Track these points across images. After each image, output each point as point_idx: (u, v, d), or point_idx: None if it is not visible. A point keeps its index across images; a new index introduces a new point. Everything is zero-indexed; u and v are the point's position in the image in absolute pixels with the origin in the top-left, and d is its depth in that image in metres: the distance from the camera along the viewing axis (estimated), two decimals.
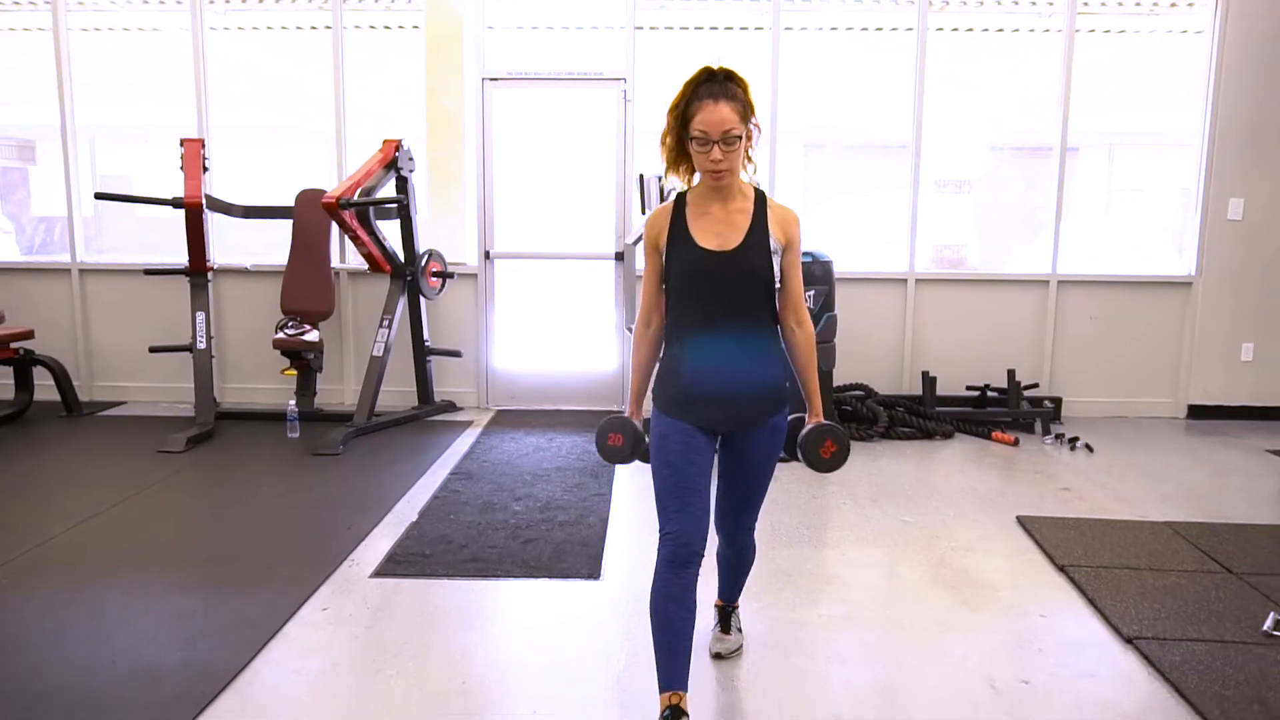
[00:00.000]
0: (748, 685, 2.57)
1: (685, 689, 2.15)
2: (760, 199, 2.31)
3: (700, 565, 2.20)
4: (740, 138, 2.18)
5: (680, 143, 2.25)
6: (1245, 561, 3.41)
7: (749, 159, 2.28)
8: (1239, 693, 2.48)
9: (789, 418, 2.41)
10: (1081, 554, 3.48)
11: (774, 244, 2.27)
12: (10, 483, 4.40)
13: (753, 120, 2.22)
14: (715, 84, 2.17)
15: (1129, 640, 2.81)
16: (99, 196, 5.23)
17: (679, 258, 2.26)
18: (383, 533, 3.72)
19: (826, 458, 2.38)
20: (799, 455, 2.39)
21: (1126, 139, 6.58)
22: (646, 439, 2.41)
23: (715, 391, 2.26)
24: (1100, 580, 3.23)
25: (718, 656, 2.68)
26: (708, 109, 2.15)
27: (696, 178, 2.30)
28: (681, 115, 2.21)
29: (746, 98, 2.20)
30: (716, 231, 2.25)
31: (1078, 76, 5.73)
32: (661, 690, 2.15)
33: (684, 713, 2.12)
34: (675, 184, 2.36)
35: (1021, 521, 3.87)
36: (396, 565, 3.38)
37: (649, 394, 2.40)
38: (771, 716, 2.43)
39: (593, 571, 3.33)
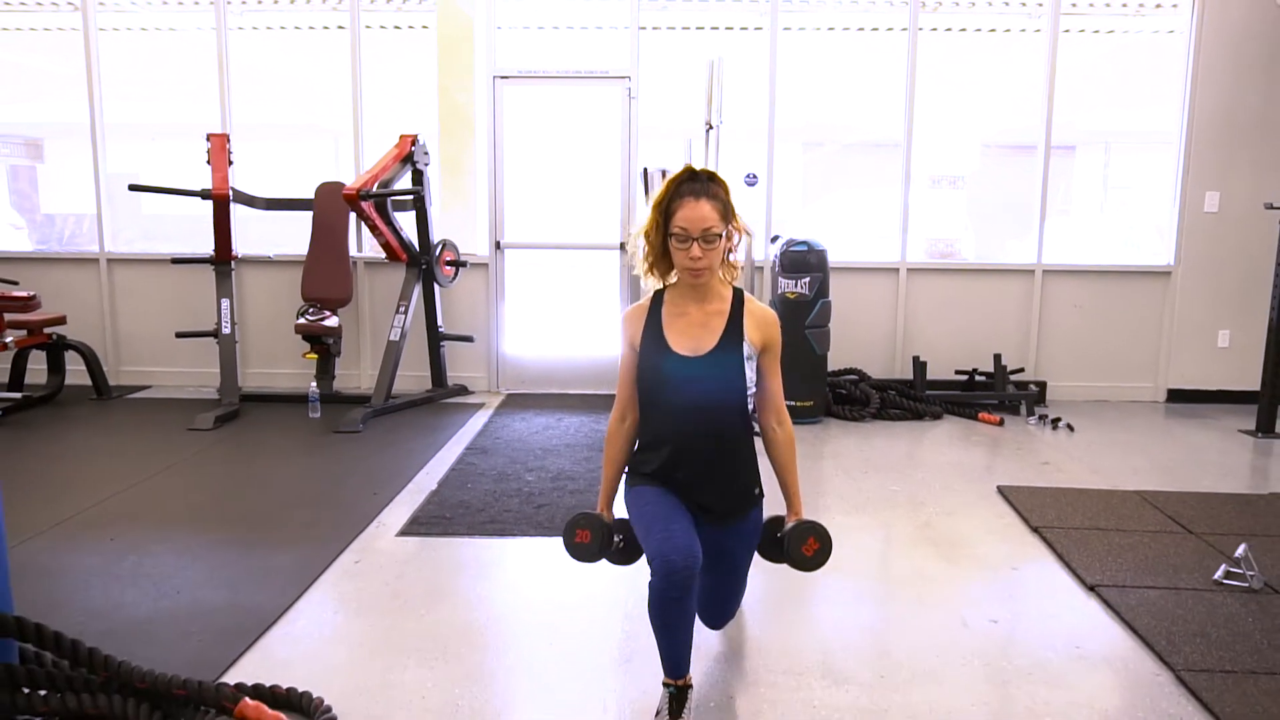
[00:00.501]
0: (744, 625, 2.84)
1: (689, 672, 2.25)
2: (738, 300, 2.33)
3: (694, 581, 2.15)
4: (720, 236, 2.21)
5: (664, 241, 2.27)
6: (1205, 524, 3.68)
7: (728, 262, 2.31)
8: (1185, 629, 2.76)
9: (766, 519, 2.45)
10: (1055, 517, 3.75)
11: (748, 349, 2.29)
12: (54, 456, 4.68)
13: (733, 222, 2.25)
14: (698, 183, 2.22)
15: (1091, 588, 3.08)
16: (133, 188, 5.51)
17: (652, 362, 2.30)
18: (405, 499, 3.99)
19: (810, 555, 2.37)
20: (782, 553, 2.40)
21: (1122, 137, 6.85)
22: (617, 539, 2.41)
23: (685, 491, 2.31)
24: (1070, 539, 3.50)
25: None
26: (689, 206, 2.19)
27: (673, 277, 2.33)
28: (664, 211, 2.24)
29: (727, 198, 2.24)
30: (692, 334, 2.28)
31: (1075, 77, 6.03)
32: (667, 675, 2.24)
33: (689, 687, 2.25)
34: (650, 285, 2.40)
35: (1001, 491, 4.15)
36: (420, 526, 3.66)
37: (627, 470, 2.44)
38: (766, 651, 2.70)
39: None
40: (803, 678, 2.51)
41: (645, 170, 5.67)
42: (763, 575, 3.17)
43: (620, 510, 2.45)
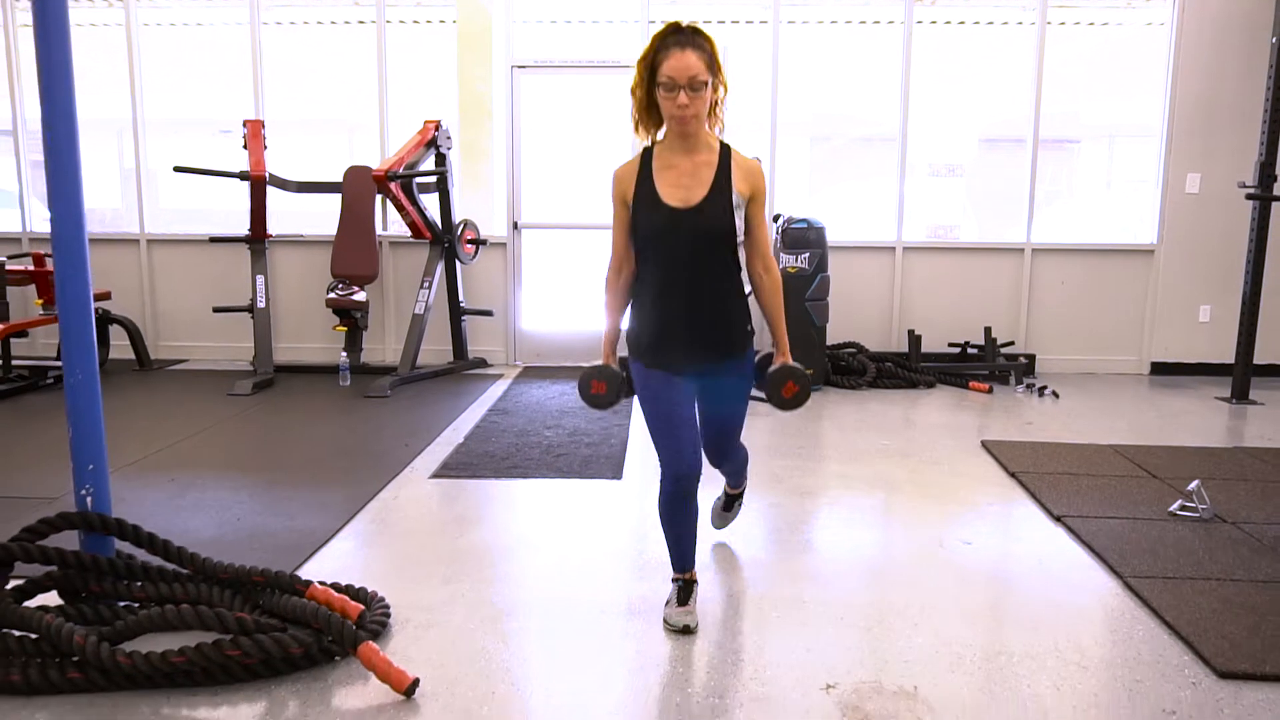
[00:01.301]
0: (745, 547, 3.19)
1: (693, 568, 2.61)
2: (725, 151, 2.40)
3: (699, 482, 2.49)
4: (706, 84, 2.27)
5: (649, 95, 2.34)
6: (1170, 470, 4.01)
7: (717, 116, 2.38)
8: (1136, 548, 3.09)
9: (758, 355, 2.59)
10: (1031, 465, 4.08)
11: (737, 197, 2.37)
12: (107, 414, 5.03)
13: (719, 75, 2.31)
14: (683, 35, 2.28)
15: (1058, 518, 3.42)
16: (177, 169, 5.87)
17: (644, 214, 2.38)
18: (434, 450, 4.35)
19: (788, 397, 2.52)
20: (763, 394, 2.58)
21: (1124, 129, 7.11)
22: (624, 375, 2.58)
23: (682, 338, 2.43)
24: (1043, 481, 3.84)
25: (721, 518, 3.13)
26: (675, 57, 2.25)
27: (662, 133, 2.42)
28: (650, 64, 2.30)
29: (713, 50, 2.30)
30: (682, 185, 2.36)
31: (1076, 69, 6.32)
32: (675, 571, 2.60)
33: (694, 581, 2.60)
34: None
35: (985, 445, 4.48)
36: (450, 470, 4.01)
37: (625, 334, 2.61)
38: (766, 565, 3.05)
39: (616, 474, 3.96)
40: (797, 583, 2.86)
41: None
42: (767, 509, 3.52)
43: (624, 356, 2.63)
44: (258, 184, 5.88)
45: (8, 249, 6.36)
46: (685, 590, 2.57)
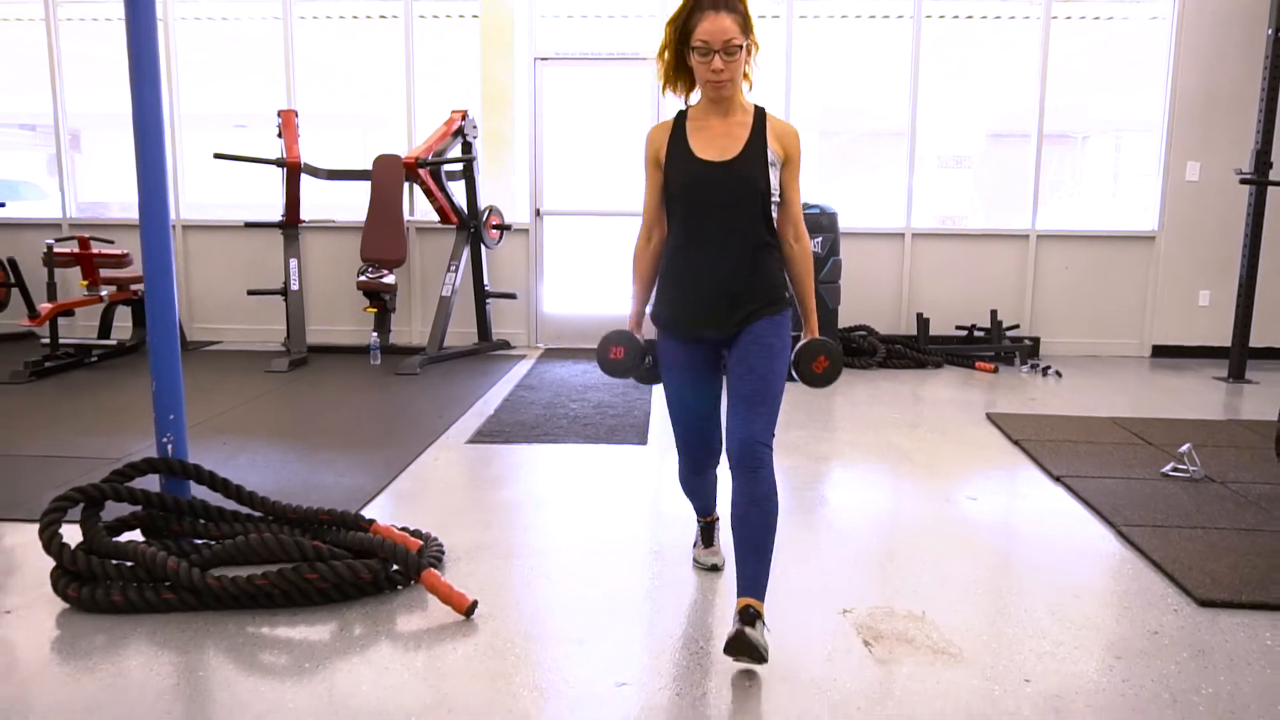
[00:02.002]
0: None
1: (715, 510, 2.77)
2: (760, 114, 2.34)
3: (718, 463, 2.56)
4: (741, 48, 2.21)
5: (678, 58, 2.29)
6: (1165, 438, 4.23)
7: (748, 77, 2.33)
8: (1129, 503, 3.32)
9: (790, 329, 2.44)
10: (1033, 433, 4.31)
11: (772, 156, 2.30)
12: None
13: (751, 35, 2.26)
14: None
15: (1058, 478, 3.65)
16: (217, 156, 6.12)
17: (678, 169, 2.31)
18: (468, 420, 4.60)
19: (819, 372, 2.41)
20: (792, 371, 2.43)
21: (1132, 124, 7.31)
22: (648, 359, 2.50)
23: (714, 295, 2.31)
24: (1044, 448, 4.07)
25: (748, 668, 2.19)
26: (709, 19, 2.18)
27: (694, 97, 2.37)
28: (681, 28, 2.25)
29: (745, 10, 2.24)
30: (716, 143, 2.30)
31: (1081, 63, 6.54)
32: (699, 515, 2.79)
33: (716, 519, 2.79)
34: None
35: (990, 416, 4.71)
36: (484, 437, 4.26)
37: (650, 316, 2.51)
38: (782, 515, 3.27)
39: (640, 440, 4.21)
40: (814, 530, 3.10)
41: None
42: (784, 471, 3.76)
43: (649, 332, 2.55)
44: (293, 171, 6.13)
45: (50, 234, 6.62)
46: (708, 531, 2.79)
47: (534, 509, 3.32)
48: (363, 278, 6.21)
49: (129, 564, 2.50)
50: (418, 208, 6.75)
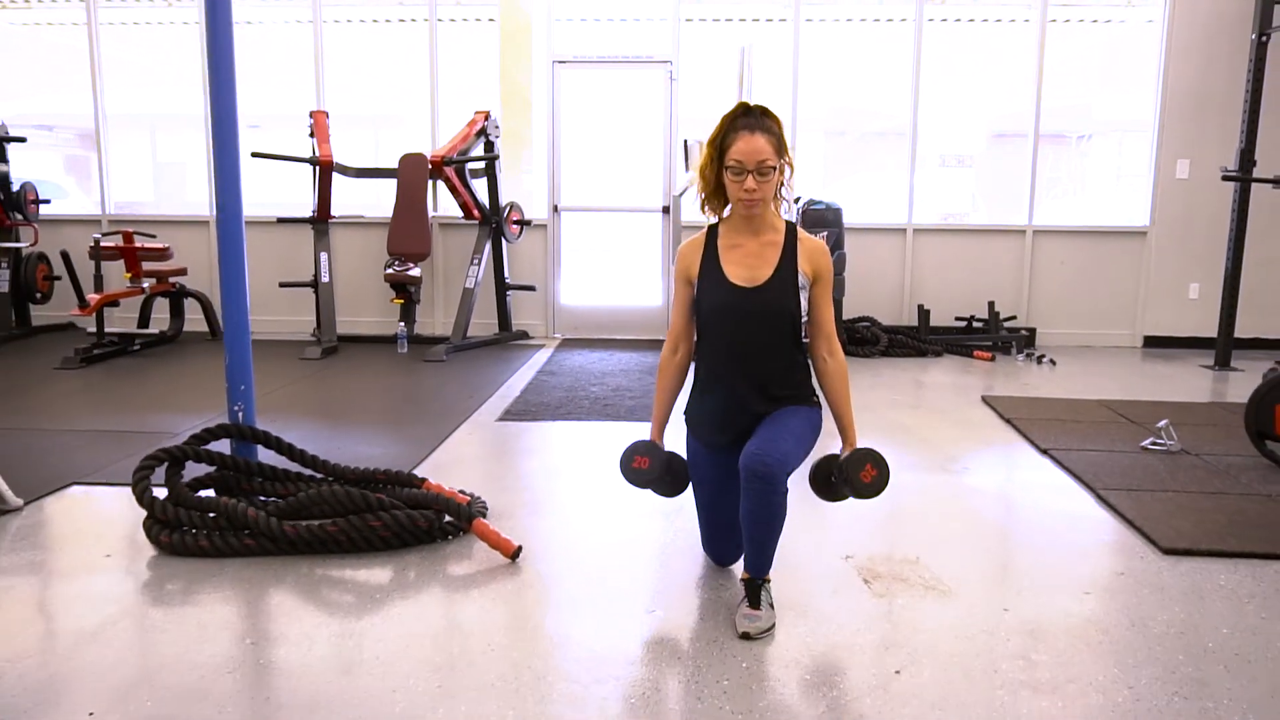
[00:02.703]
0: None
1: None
2: (791, 232, 2.42)
3: (738, 559, 2.55)
4: (774, 169, 2.30)
5: (718, 176, 2.37)
6: (1148, 418, 4.51)
7: (781, 196, 2.42)
8: (1109, 471, 3.62)
9: (818, 459, 2.54)
10: (1025, 413, 4.61)
11: (802, 279, 2.38)
12: (193, 373, 5.65)
13: (786, 157, 2.35)
14: (751, 118, 2.32)
15: (1044, 451, 3.95)
16: (255, 155, 6.44)
17: (709, 292, 2.40)
18: (495, 402, 4.91)
19: (867, 482, 2.40)
20: (838, 483, 2.47)
21: (1126, 123, 7.60)
22: (669, 457, 2.57)
23: (742, 415, 2.42)
24: (1034, 425, 4.37)
25: (745, 636, 2.27)
26: (744, 140, 2.28)
27: (726, 211, 2.45)
28: (719, 146, 2.34)
29: (780, 132, 2.34)
30: (747, 265, 2.38)
31: (1082, 64, 6.83)
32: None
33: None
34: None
35: (985, 399, 5.01)
36: (512, 415, 4.58)
37: (683, 413, 2.60)
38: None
39: None
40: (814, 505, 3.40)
41: (685, 142, 6.54)
42: None
43: (673, 445, 2.64)
44: (325, 169, 6.45)
45: (89, 229, 6.95)
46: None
47: (562, 476, 3.64)
48: (390, 270, 6.52)
49: (211, 514, 2.82)
50: (441, 204, 7.06)
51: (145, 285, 6.40)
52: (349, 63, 7.38)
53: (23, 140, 6.87)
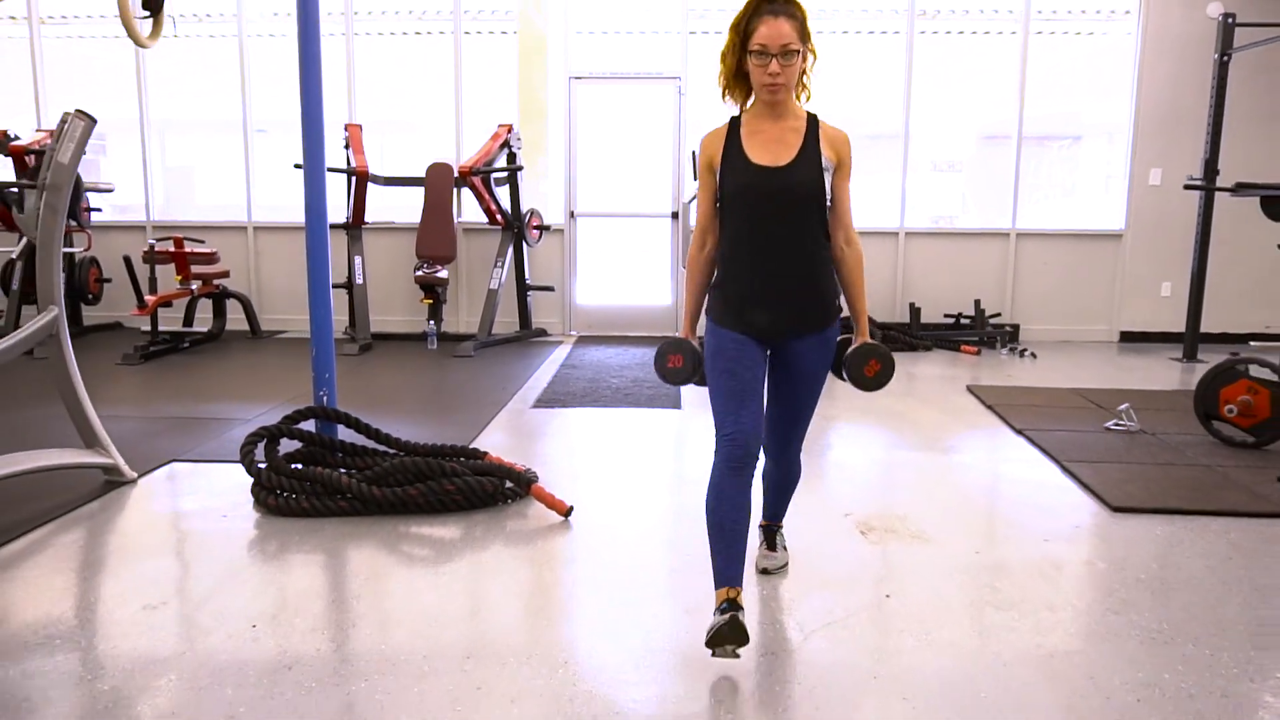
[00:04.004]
0: None
1: (740, 585, 2.25)
2: (813, 120, 2.38)
3: (755, 467, 2.32)
4: (797, 54, 2.25)
5: (740, 62, 2.32)
6: (1114, 403, 5.03)
7: (805, 86, 2.37)
8: (1074, 447, 4.14)
9: (837, 338, 2.47)
10: (1005, 401, 5.13)
11: (825, 161, 2.33)
12: (244, 367, 6.15)
13: (809, 43, 2.30)
14: (775, 2, 2.26)
15: (1019, 431, 4.47)
16: (297, 166, 6.92)
17: (732, 174, 2.34)
18: (526, 392, 5.42)
19: (870, 376, 2.44)
20: (844, 374, 2.48)
21: (1106, 133, 8.12)
22: (700, 372, 2.50)
23: (767, 299, 2.34)
24: (1012, 410, 4.89)
25: (764, 572, 2.75)
26: (768, 24, 2.23)
27: (749, 102, 2.40)
28: (742, 31, 2.28)
29: (804, 17, 2.29)
30: (769, 148, 2.33)
31: (1064, 77, 7.36)
32: (718, 586, 2.25)
33: (739, 606, 2.20)
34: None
35: (970, 388, 5.53)
36: (544, 403, 5.09)
37: (705, 310, 2.50)
38: None
39: (675, 405, 5.03)
40: (820, 465, 3.92)
41: (693, 153, 7.07)
42: None
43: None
44: (361, 179, 6.96)
45: (133, 235, 7.45)
46: (731, 618, 2.18)
47: (594, 452, 4.16)
48: (419, 272, 7.03)
49: (307, 482, 3.32)
50: (466, 210, 7.56)
51: (193, 287, 6.89)
52: (373, 73, 7.88)
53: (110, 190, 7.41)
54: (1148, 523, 3.24)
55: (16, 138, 6.86)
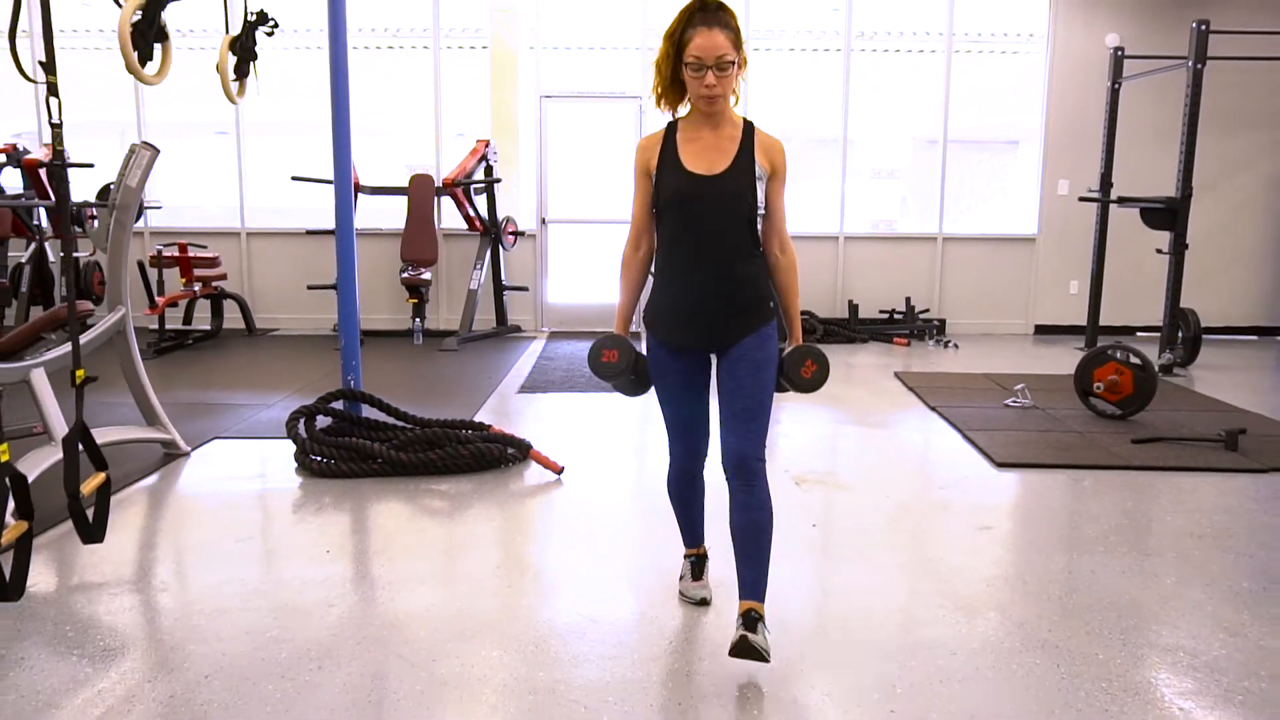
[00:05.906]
0: None
1: (703, 543, 2.79)
2: (749, 128, 2.40)
3: (705, 463, 2.64)
4: (733, 64, 2.27)
5: (675, 71, 2.33)
6: (1015, 383, 5.91)
7: (735, 91, 2.37)
8: (976, 419, 4.98)
9: (776, 335, 2.50)
10: (925, 384, 5.97)
11: (759, 170, 2.36)
12: (246, 362, 6.78)
13: (742, 53, 2.31)
14: (709, 13, 2.27)
15: (933, 408, 5.30)
16: (295, 179, 7.57)
17: (668, 181, 2.37)
18: (510, 380, 6.14)
19: (808, 377, 2.50)
20: (782, 378, 2.51)
21: (1023, 142, 9.07)
22: (638, 365, 2.53)
23: (703, 306, 2.39)
24: (930, 391, 5.72)
25: (755, 657, 2.29)
26: (703, 35, 2.24)
27: (682, 110, 2.43)
28: (677, 41, 2.30)
29: (737, 27, 2.30)
30: (706, 156, 2.36)
31: (988, 90, 8.24)
32: (687, 547, 2.80)
33: (706, 556, 2.80)
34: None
35: (897, 374, 6.37)
36: (528, 389, 5.83)
37: (644, 319, 2.55)
38: None
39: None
40: (772, 438, 4.70)
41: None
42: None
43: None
44: (354, 188, 7.60)
45: (136, 240, 8.00)
46: (698, 565, 2.80)
47: (580, 429, 4.90)
48: (405, 274, 7.70)
49: (344, 450, 4.02)
50: (446, 218, 8.24)
51: (195, 289, 7.49)
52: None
53: (90, 166, 7.91)
54: (1025, 475, 4.08)
55: (27, 151, 7.40)
